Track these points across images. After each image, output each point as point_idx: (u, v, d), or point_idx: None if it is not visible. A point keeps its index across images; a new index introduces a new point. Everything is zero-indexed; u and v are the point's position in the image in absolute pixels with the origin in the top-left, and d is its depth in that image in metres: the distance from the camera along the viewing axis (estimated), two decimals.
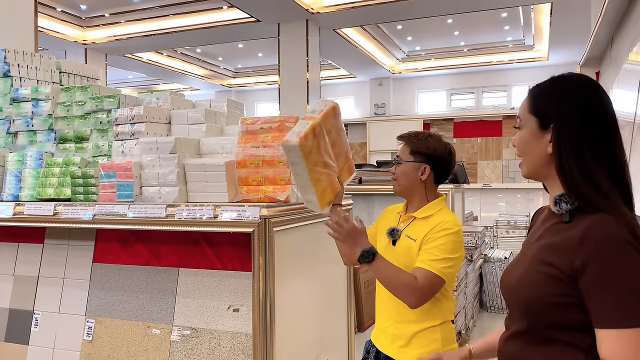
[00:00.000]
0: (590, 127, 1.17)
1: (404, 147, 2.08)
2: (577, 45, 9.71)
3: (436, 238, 1.91)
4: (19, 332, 2.62)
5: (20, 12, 3.85)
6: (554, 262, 1.13)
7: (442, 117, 12.59)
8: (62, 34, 9.30)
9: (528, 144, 1.25)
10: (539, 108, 1.24)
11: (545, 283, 1.14)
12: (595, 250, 1.07)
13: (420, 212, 2.03)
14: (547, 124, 1.21)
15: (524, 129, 1.27)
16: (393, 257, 2.00)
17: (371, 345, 2.16)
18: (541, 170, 1.25)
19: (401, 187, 2.07)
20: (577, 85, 1.23)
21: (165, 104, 2.63)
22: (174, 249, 2.37)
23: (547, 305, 1.14)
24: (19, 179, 2.67)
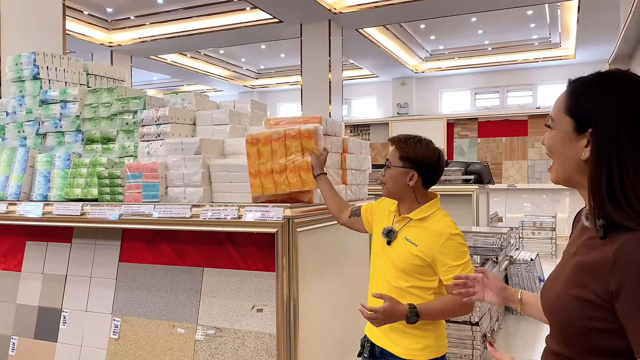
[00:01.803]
0: (631, 138, 1.02)
1: (393, 150, 2.08)
2: (605, 42, 9.49)
3: (448, 252, 1.94)
4: (48, 330, 2.67)
5: (49, 16, 3.93)
6: (588, 284, 1.03)
7: (466, 116, 12.46)
8: (89, 36, 9.47)
9: (559, 147, 1.12)
10: (578, 108, 1.09)
11: (581, 307, 1.04)
12: (628, 273, 0.97)
13: (415, 214, 2.03)
14: (585, 128, 1.07)
15: (557, 128, 1.13)
16: (389, 256, 2.02)
17: (366, 339, 2.15)
18: (573, 178, 1.12)
19: (389, 191, 2.08)
20: (628, 85, 1.05)
21: (190, 105, 2.65)
22: (198, 248, 2.39)
23: (584, 330, 1.05)
24: (47, 179, 2.72)
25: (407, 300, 1.94)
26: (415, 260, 1.95)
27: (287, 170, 2.15)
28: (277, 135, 2.17)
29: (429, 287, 1.98)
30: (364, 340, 2.15)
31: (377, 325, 1.89)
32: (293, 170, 2.15)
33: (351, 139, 2.63)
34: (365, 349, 2.12)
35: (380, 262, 2.06)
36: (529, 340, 4.90)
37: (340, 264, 2.59)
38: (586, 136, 1.06)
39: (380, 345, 2.05)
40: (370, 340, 2.11)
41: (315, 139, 2.15)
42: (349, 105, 14.30)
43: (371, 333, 2.10)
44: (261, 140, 2.19)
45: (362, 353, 2.14)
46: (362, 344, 2.16)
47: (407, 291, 1.97)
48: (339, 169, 2.53)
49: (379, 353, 2.08)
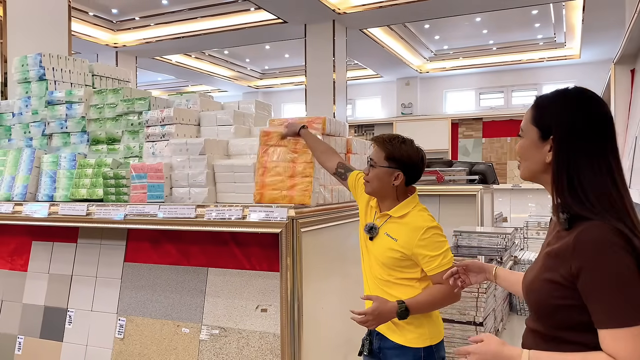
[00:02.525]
0: (587, 142, 1.24)
1: (378, 150, 2.10)
2: (610, 42, 9.45)
3: (426, 244, 2.01)
4: (54, 329, 2.69)
5: (55, 17, 3.95)
6: (556, 268, 1.23)
7: (470, 116, 12.43)
8: (94, 37, 9.51)
9: (528, 152, 1.34)
10: (541, 120, 1.32)
11: (550, 288, 1.24)
12: (586, 256, 1.17)
13: (395, 211, 2.09)
14: (547, 135, 1.29)
15: (525, 137, 1.35)
16: (372, 251, 2.09)
17: (366, 337, 2.18)
18: (539, 176, 1.35)
19: (373, 190, 2.11)
20: (580, 100, 1.29)
21: (194, 106, 2.66)
22: (203, 249, 2.40)
23: (553, 308, 1.24)
24: (53, 179, 2.74)
25: (394, 291, 2.03)
26: (395, 254, 2.02)
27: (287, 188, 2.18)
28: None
29: (413, 277, 2.06)
30: (364, 339, 2.19)
31: (370, 327, 1.97)
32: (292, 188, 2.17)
33: (355, 140, 2.64)
34: (365, 347, 2.16)
35: (366, 256, 2.15)
36: None
37: (344, 263, 2.60)
38: (549, 142, 1.29)
39: (379, 331, 2.10)
40: (369, 338, 2.15)
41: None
42: (353, 105, 14.30)
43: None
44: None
45: (362, 351, 2.18)
46: (363, 342, 2.19)
47: (393, 282, 2.05)
48: None
49: (377, 349, 2.13)
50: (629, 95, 5.28)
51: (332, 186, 2.37)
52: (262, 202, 2.16)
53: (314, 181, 2.12)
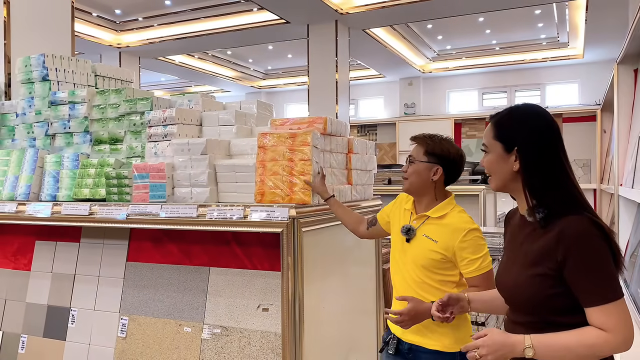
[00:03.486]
0: (546, 148, 1.44)
1: (417, 147, 2.15)
2: (614, 42, 9.42)
3: (467, 245, 2.02)
4: (57, 328, 2.71)
5: (58, 18, 3.97)
6: (541, 262, 1.39)
7: (473, 116, 12.41)
8: (97, 38, 9.54)
9: (496, 165, 1.50)
10: (503, 134, 1.49)
11: (539, 281, 1.39)
12: (571, 245, 1.33)
13: (433, 212, 2.10)
14: (511, 148, 1.47)
15: (491, 152, 1.51)
16: (408, 253, 2.08)
17: (390, 335, 2.17)
18: (509, 185, 1.51)
19: (412, 186, 2.13)
20: (531, 114, 1.49)
21: (196, 106, 2.67)
22: (205, 248, 2.41)
23: (545, 298, 1.38)
24: (56, 179, 2.75)
25: (429, 294, 2.03)
26: (435, 256, 2.03)
27: (286, 188, 2.19)
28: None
29: (451, 280, 2.07)
30: (388, 337, 2.18)
31: (405, 328, 1.94)
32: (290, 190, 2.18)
33: (356, 139, 2.64)
34: (390, 346, 2.15)
35: (400, 259, 2.13)
36: None
37: (346, 263, 2.60)
38: (513, 153, 1.46)
39: (409, 341, 2.10)
40: (396, 336, 2.14)
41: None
42: (356, 105, 14.30)
43: (397, 328, 2.13)
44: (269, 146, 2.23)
45: (386, 349, 2.17)
46: (387, 340, 2.19)
47: (429, 284, 2.05)
48: (344, 169, 2.54)
49: (407, 349, 2.12)
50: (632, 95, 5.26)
51: (334, 186, 2.38)
52: (263, 202, 2.16)
53: (313, 179, 2.13)
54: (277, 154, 2.19)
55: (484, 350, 1.39)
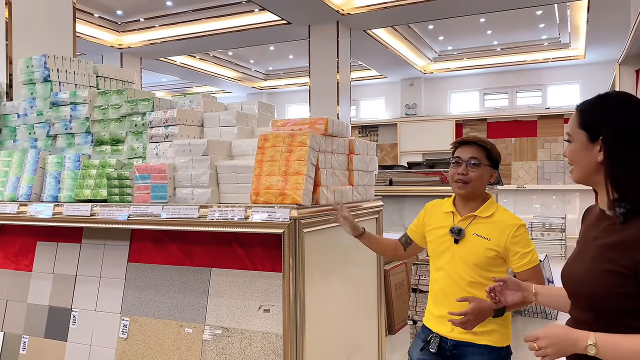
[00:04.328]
0: (634, 139, 1.36)
1: (479, 150, 2.20)
2: (615, 42, 9.42)
3: (518, 241, 2.12)
4: (58, 329, 2.71)
5: (59, 19, 3.97)
6: (615, 259, 1.32)
7: (475, 117, 12.41)
8: (99, 38, 9.55)
9: (579, 155, 1.44)
10: (588, 123, 1.42)
11: (609, 278, 1.33)
12: None
13: (481, 212, 2.19)
14: (596, 137, 1.40)
15: (574, 141, 1.45)
16: (457, 254, 2.16)
17: (431, 333, 2.22)
18: (592, 177, 1.44)
19: (473, 189, 2.20)
20: (621, 102, 1.41)
21: (198, 107, 2.67)
22: (206, 249, 2.41)
23: (612, 296, 1.33)
24: (58, 180, 2.76)
25: (481, 292, 2.04)
26: (489, 253, 2.11)
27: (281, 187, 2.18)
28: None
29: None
30: (429, 336, 2.23)
31: (469, 328, 1.97)
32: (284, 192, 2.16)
33: (358, 140, 2.64)
34: (432, 344, 2.20)
35: (447, 262, 2.19)
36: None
37: (347, 264, 2.60)
38: (598, 143, 1.39)
39: (455, 338, 2.16)
40: (438, 334, 2.20)
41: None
42: (357, 106, 14.30)
43: (441, 328, 2.20)
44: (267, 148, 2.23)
45: (427, 348, 2.21)
46: (426, 338, 2.23)
47: (480, 282, 2.11)
48: (345, 170, 2.54)
49: (452, 346, 2.18)
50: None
51: (335, 187, 2.38)
52: (257, 202, 2.16)
53: (306, 180, 2.12)
54: (275, 155, 2.19)
55: (544, 342, 1.36)
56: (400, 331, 4.83)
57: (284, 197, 2.13)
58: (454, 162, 2.25)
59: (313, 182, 2.20)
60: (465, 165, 2.18)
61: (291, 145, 2.17)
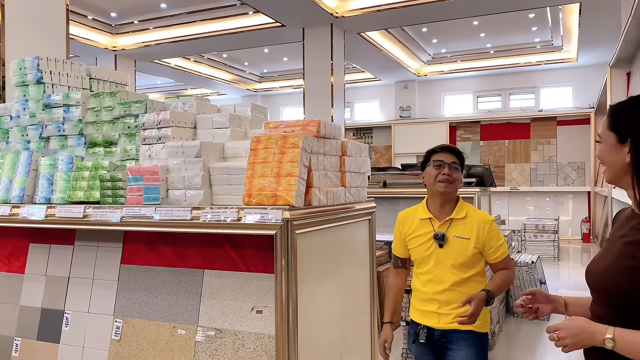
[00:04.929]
0: None
1: (454, 156, 2.48)
2: (607, 45, 9.50)
3: (492, 236, 2.41)
4: (51, 331, 2.70)
5: (52, 21, 3.97)
6: (638, 256, 1.35)
7: (468, 119, 12.47)
8: (93, 41, 9.55)
9: (608, 156, 1.47)
10: (617, 125, 1.46)
11: (631, 274, 1.35)
12: None
13: (456, 213, 2.42)
14: (625, 139, 1.43)
15: (604, 143, 1.49)
16: (442, 257, 2.40)
17: (419, 326, 2.48)
18: (622, 178, 1.47)
19: (455, 189, 2.45)
20: None
21: (191, 109, 2.68)
22: (199, 251, 2.42)
23: (631, 293, 1.35)
24: (50, 182, 2.76)
25: (468, 287, 2.36)
26: (472, 251, 2.35)
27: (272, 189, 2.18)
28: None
29: (480, 270, 2.43)
30: (417, 329, 2.50)
31: (473, 323, 2.23)
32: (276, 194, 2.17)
33: (350, 142, 2.65)
34: (421, 335, 2.47)
35: (433, 265, 2.42)
36: (530, 343, 4.90)
37: (340, 265, 2.61)
38: (627, 145, 1.42)
39: (442, 328, 2.42)
40: (425, 326, 2.46)
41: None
42: (352, 108, 14.33)
43: (428, 320, 2.47)
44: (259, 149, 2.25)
45: (417, 340, 2.49)
46: (416, 332, 2.50)
47: (467, 279, 2.37)
48: (338, 172, 2.55)
49: (439, 335, 2.44)
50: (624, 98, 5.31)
51: (327, 188, 2.39)
52: (250, 203, 2.17)
53: (298, 181, 2.13)
54: (267, 156, 2.20)
55: (564, 332, 1.39)
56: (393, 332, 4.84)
57: (276, 198, 2.14)
58: (437, 165, 2.47)
59: (305, 184, 2.21)
60: (449, 167, 2.42)
61: (283, 147, 2.18)
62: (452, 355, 2.43)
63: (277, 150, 2.19)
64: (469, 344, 2.39)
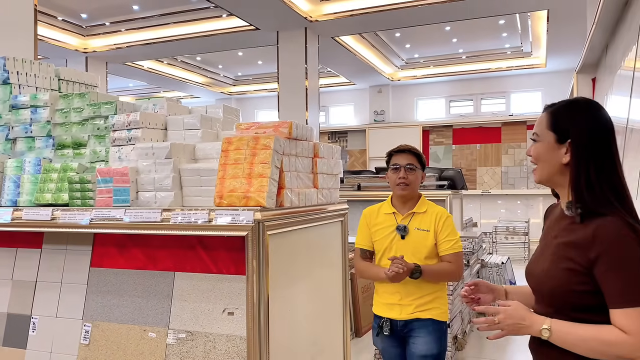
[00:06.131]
0: (600, 145, 1.43)
1: (413, 157, 2.65)
2: (574, 52, 9.77)
3: (446, 227, 2.59)
4: (17, 337, 2.64)
5: (19, 21, 3.90)
6: (572, 257, 1.40)
7: (441, 123, 12.64)
8: (63, 42, 9.38)
9: (545, 155, 1.49)
10: (557, 125, 1.48)
11: (567, 275, 1.41)
12: (605, 245, 1.34)
13: (418, 208, 2.65)
14: (564, 139, 1.46)
15: (542, 142, 1.50)
16: (407, 247, 2.59)
17: (382, 319, 2.65)
18: (555, 178, 1.50)
19: (412, 190, 2.65)
20: (589, 108, 1.49)
21: (161, 110, 2.66)
22: (169, 253, 2.40)
23: (569, 293, 1.40)
24: (17, 184, 2.70)
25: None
26: (431, 242, 2.57)
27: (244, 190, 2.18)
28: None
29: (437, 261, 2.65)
30: (381, 321, 2.67)
31: (399, 280, 2.48)
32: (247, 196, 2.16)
33: (322, 144, 2.67)
34: (384, 328, 2.64)
35: (395, 255, 2.57)
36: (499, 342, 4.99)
37: (312, 267, 2.63)
38: (565, 146, 1.46)
39: (403, 318, 2.62)
40: (389, 319, 2.64)
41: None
42: (327, 112, 14.38)
43: (390, 312, 2.66)
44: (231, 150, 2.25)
45: (381, 332, 2.66)
46: (380, 324, 2.68)
47: None
48: (310, 173, 2.57)
49: (402, 326, 2.62)
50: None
51: (299, 190, 2.40)
52: (221, 205, 2.17)
53: (270, 182, 2.14)
54: (238, 158, 2.20)
55: (502, 315, 1.44)
56: (367, 334, 4.88)
57: (247, 199, 2.14)
58: (393, 168, 2.67)
59: (277, 185, 2.22)
60: (404, 170, 2.61)
61: (255, 148, 2.19)
62: (413, 342, 2.61)
63: (249, 151, 2.20)
64: (428, 330, 2.56)
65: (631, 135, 3.24)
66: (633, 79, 3.29)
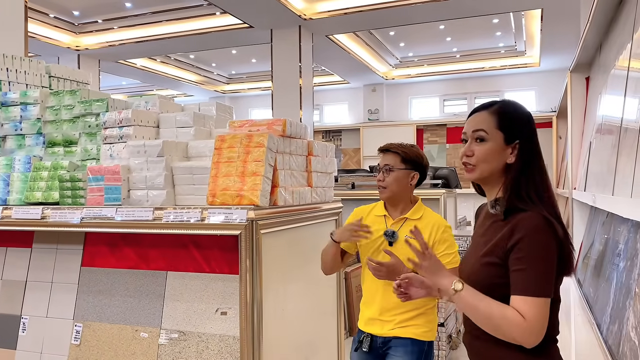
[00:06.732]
0: (536, 145, 1.50)
1: (392, 156, 2.35)
2: (568, 51, 9.78)
3: (444, 240, 2.28)
4: (7, 337, 2.61)
5: (10, 18, 3.85)
6: (494, 252, 1.45)
7: (435, 122, 12.64)
8: (55, 40, 9.29)
9: (492, 154, 1.49)
10: (507, 125, 1.49)
11: (488, 269, 1.46)
12: (522, 235, 1.38)
13: (412, 214, 2.33)
14: (513, 140, 1.48)
15: (489, 141, 1.50)
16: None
17: (363, 334, 2.37)
18: (493, 177, 1.52)
19: (393, 194, 2.33)
20: (522, 108, 1.55)
21: (154, 108, 2.63)
22: (162, 252, 2.37)
23: (490, 285, 1.44)
24: (7, 182, 2.66)
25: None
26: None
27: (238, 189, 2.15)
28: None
29: None
30: (361, 336, 2.39)
31: (380, 277, 2.11)
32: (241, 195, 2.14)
33: (316, 142, 2.65)
34: (364, 343, 2.36)
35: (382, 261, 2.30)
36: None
37: (306, 265, 2.60)
38: (512, 146, 1.48)
39: (384, 335, 2.33)
40: (370, 334, 2.36)
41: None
42: (321, 111, 14.36)
43: (372, 328, 2.37)
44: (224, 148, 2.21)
45: (360, 348, 2.38)
46: (360, 339, 2.40)
47: None
48: (304, 172, 2.55)
49: (381, 343, 2.35)
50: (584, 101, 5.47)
51: (293, 188, 2.38)
52: (214, 203, 2.14)
53: (264, 180, 2.12)
54: (232, 156, 2.17)
55: (426, 263, 1.52)
56: None
57: (241, 198, 2.12)
58: (376, 171, 2.42)
59: (271, 183, 2.20)
60: (382, 172, 2.35)
61: (248, 146, 2.17)
62: None
63: (242, 149, 2.17)
64: (406, 350, 2.31)
65: (625, 135, 3.23)
66: (627, 78, 3.29)
